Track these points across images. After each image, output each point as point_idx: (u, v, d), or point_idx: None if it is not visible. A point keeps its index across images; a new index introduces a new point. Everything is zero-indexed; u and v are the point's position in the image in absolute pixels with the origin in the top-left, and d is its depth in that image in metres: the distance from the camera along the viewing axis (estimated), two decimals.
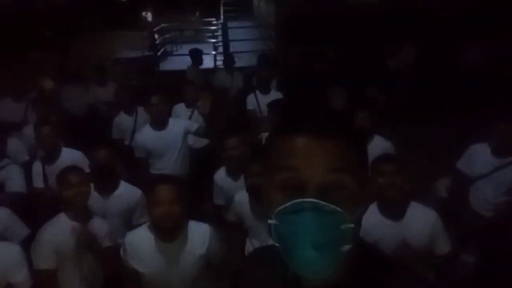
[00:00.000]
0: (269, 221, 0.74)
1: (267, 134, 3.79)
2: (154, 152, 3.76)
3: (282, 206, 0.72)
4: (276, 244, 0.74)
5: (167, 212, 2.13)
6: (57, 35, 7.79)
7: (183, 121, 3.95)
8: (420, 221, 2.28)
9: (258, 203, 2.65)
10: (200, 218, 2.46)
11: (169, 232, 2.22)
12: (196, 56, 6.46)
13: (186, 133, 3.81)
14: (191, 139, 4.03)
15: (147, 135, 3.77)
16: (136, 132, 4.13)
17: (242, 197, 2.75)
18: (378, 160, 2.36)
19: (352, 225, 0.71)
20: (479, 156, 3.17)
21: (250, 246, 2.77)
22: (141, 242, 2.26)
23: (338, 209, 0.70)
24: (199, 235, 2.28)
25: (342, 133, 0.75)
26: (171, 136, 3.76)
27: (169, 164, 3.75)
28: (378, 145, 3.34)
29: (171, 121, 3.85)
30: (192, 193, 3.20)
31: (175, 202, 2.15)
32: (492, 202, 3.10)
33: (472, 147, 3.25)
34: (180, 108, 4.47)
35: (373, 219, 2.25)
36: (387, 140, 3.43)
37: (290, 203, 0.71)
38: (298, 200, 0.70)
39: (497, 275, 2.73)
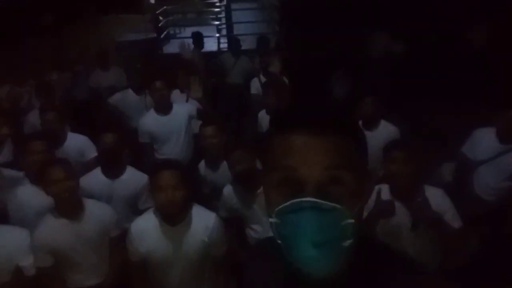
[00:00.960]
0: (270, 219, 0.75)
1: (263, 112, 3.83)
2: (159, 137, 3.76)
3: (282, 206, 0.72)
4: (279, 241, 0.75)
5: (170, 197, 2.15)
6: (58, 19, 7.71)
7: (187, 106, 3.94)
8: (431, 200, 2.26)
9: (247, 189, 2.67)
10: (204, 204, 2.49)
11: (173, 216, 2.25)
12: (198, 39, 6.36)
13: (190, 117, 3.80)
14: (195, 124, 4.02)
15: (151, 120, 3.76)
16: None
17: (229, 190, 2.76)
18: (390, 147, 2.39)
19: (352, 221, 0.71)
20: (483, 141, 3.16)
21: (252, 233, 2.79)
22: (146, 226, 2.29)
23: (337, 206, 0.70)
24: (203, 220, 2.31)
25: (339, 128, 0.74)
26: (175, 121, 3.76)
27: (174, 149, 3.75)
28: (384, 131, 3.33)
29: (175, 105, 3.84)
30: (196, 177, 3.22)
31: (178, 187, 2.16)
32: (493, 187, 3.10)
33: (476, 132, 3.24)
34: (176, 94, 4.40)
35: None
36: (393, 126, 3.42)
37: (289, 202, 0.71)
38: (297, 200, 0.71)
39: (498, 260, 2.73)
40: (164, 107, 3.75)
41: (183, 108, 3.86)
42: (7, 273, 2.37)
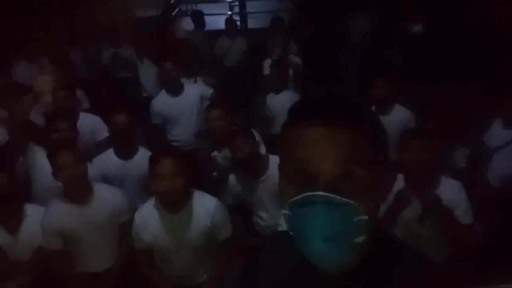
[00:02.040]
0: (283, 211, 0.75)
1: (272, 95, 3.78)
2: (170, 119, 3.75)
3: (294, 198, 0.72)
4: (291, 233, 0.75)
5: (170, 186, 2.16)
6: None
7: (198, 86, 3.92)
8: (447, 193, 2.27)
9: (250, 176, 2.66)
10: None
11: (174, 203, 2.27)
12: (197, 19, 6.09)
13: (202, 98, 3.77)
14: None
15: (162, 102, 3.75)
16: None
17: (233, 178, 2.75)
18: (406, 135, 2.35)
19: (366, 217, 0.70)
20: (493, 129, 3.14)
21: (259, 220, 2.79)
22: (148, 215, 2.32)
23: (350, 201, 0.69)
24: (204, 206, 2.32)
25: (356, 121, 0.72)
26: (186, 102, 3.73)
27: (186, 130, 3.75)
28: (398, 116, 3.29)
29: (186, 86, 3.81)
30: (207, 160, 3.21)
31: (178, 175, 2.17)
32: (501, 174, 3.07)
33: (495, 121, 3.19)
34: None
35: (400, 189, 2.25)
36: (408, 110, 3.36)
37: (301, 196, 0.71)
38: (309, 193, 0.70)
39: (505, 247, 2.71)
40: (175, 88, 3.72)
41: (195, 89, 3.84)
42: (29, 253, 2.43)
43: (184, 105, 3.73)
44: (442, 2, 6.39)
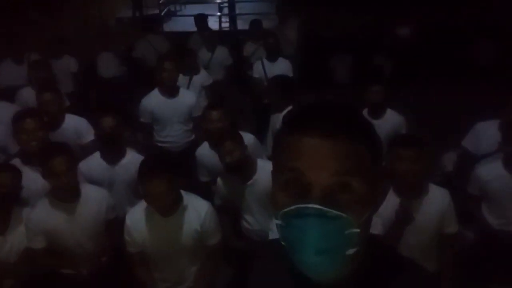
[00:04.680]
0: (275, 221, 0.74)
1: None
2: (161, 120, 3.70)
3: (287, 209, 0.70)
4: (283, 243, 0.74)
5: (162, 203, 2.21)
6: None
7: (193, 94, 3.89)
8: (436, 201, 2.27)
9: (238, 180, 2.65)
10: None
11: (164, 211, 2.28)
12: (201, 22, 6.02)
13: (193, 107, 3.73)
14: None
15: (155, 101, 3.69)
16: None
17: (221, 181, 2.74)
18: (398, 143, 2.28)
19: (358, 230, 0.69)
20: (486, 133, 3.08)
21: (245, 224, 2.79)
22: (140, 217, 2.32)
23: (343, 214, 0.68)
24: (195, 209, 2.33)
25: (352, 132, 0.71)
26: (181, 106, 3.70)
27: (174, 133, 3.73)
28: (390, 120, 3.30)
29: (182, 90, 3.78)
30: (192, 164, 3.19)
31: (169, 192, 2.18)
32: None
33: (478, 125, 3.15)
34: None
35: (389, 201, 2.22)
36: (399, 115, 3.37)
37: (294, 207, 0.69)
38: (302, 205, 0.69)
39: (495, 253, 2.71)
40: (170, 90, 3.68)
41: (191, 96, 3.81)
42: (16, 255, 2.42)
43: (178, 108, 3.69)
44: (433, 8, 6.44)
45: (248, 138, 2.95)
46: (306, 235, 0.69)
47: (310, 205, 0.68)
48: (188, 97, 3.77)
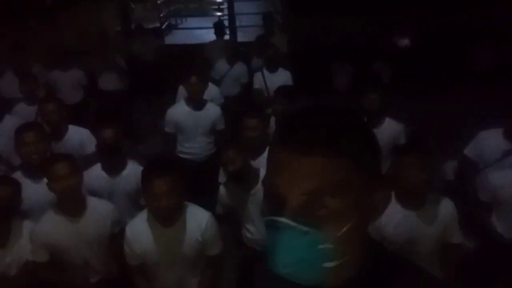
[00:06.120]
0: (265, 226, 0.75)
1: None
2: (185, 130, 3.79)
3: (265, 219, 0.73)
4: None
5: (164, 205, 2.16)
6: (58, 3, 7.61)
7: (218, 108, 3.95)
8: (439, 210, 2.26)
9: (240, 189, 2.65)
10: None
11: (167, 218, 2.26)
12: (220, 28, 6.15)
13: (218, 120, 3.84)
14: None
15: (181, 112, 3.79)
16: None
17: (224, 189, 2.75)
18: (404, 152, 2.28)
19: (331, 246, 0.69)
20: (490, 142, 3.07)
21: (247, 233, 2.79)
22: (140, 228, 2.30)
23: (312, 230, 0.68)
24: (197, 220, 2.32)
25: (333, 147, 0.69)
26: (206, 118, 3.79)
27: (197, 145, 3.81)
28: (389, 128, 3.30)
29: (208, 103, 3.87)
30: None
31: (172, 194, 2.16)
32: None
33: (481, 133, 3.14)
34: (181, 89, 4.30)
35: (390, 208, 2.23)
36: (398, 123, 3.38)
37: (268, 218, 0.72)
38: (273, 217, 0.70)
39: (503, 261, 2.70)
40: (197, 102, 3.78)
41: (216, 108, 3.90)
42: (16, 268, 2.41)
43: (203, 120, 3.79)
44: (430, 14, 6.48)
45: None
46: (275, 246, 0.70)
47: (280, 219, 0.69)
48: (213, 110, 3.87)
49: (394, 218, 2.22)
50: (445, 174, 3.51)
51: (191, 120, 3.77)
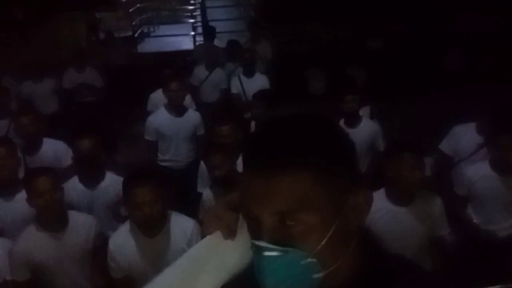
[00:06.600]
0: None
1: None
2: (167, 138, 3.75)
3: (250, 242, 0.73)
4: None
5: (148, 214, 2.12)
6: (28, 16, 7.46)
7: (198, 114, 3.94)
8: (427, 206, 2.31)
9: (226, 194, 2.62)
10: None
11: (151, 228, 2.22)
12: (210, 32, 6.10)
13: (198, 126, 3.82)
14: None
15: (161, 118, 3.74)
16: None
17: (209, 194, 2.73)
18: (396, 149, 2.31)
19: (313, 260, 0.69)
20: (464, 137, 3.17)
21: None
22: (124, 241, 2.26)
23: (290, 249, 0.69)
24: (181, 228, 2.28)
25: (300, 162, 0.68)
26: (187, 125, 3.77)
27: (179, 152, 3.77)
28: (366, 127, 3.36)
29: (189, 110, 3.85)
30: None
31: (155, 202, 2.13)
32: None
33: (455, 128, 3.24)
34: (158, 97, 4.21)
35: (380, 206, 2.24)
36: (375, 123, 3.44)
37: (251, 242, 0.73)
38: (255, 242, 0.71)
39: (480, 253, 2.77)
40: (178, 109, 3.74)
41: (197, 115, 3.88)
42: None
43: (184, 127, 3.76)
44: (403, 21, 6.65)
45: None
46: (261, 269, 0.71)
47: (258, 243, 0.70)
48: (194, 116, 3.85)
49: (384, 214, 2.25)
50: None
51: (173, 127, 3.72)
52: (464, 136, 3.14)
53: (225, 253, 0.78)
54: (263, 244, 0.69)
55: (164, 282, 0.79)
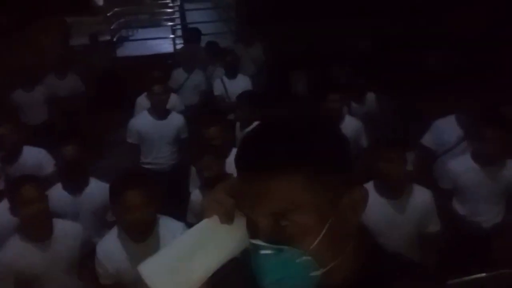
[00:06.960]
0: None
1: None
2: (149, 141, 3.72)
3: (247, 241, 0.75)
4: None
5: (140, 217, 2.08)
6: (13, 22, 7.30)
7: (181, 117, 3.91)
8: (418, 200, 2.35)
9: None
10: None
11: (141, 232, 2.18)
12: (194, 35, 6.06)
13: (181, 129, 3.80)
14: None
15: (144, 122, 3.71)
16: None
17: (198, 196, 2.72)
18: (385, 145, 2.35)
19: (309, 258, 0.70)
20: (445, 130, 3.24)
21: None
22: (112, 247, 2.21)
23: (285, 248, 0.70)
24: (170, 232, 2.24)
25: (290, 163, 0.69)
26: (169, 128, 3.74)
27: (162, 155, 3.74)
28: (349, 126, 3.40)
29: (172, 113, 3.82)
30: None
31: (145, 206, 2.08)
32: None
33: (436, 122, 3.31)
34: (146, 101, 4.15)
35: (373, 202, 2.27)
36: (358, 121, 3.49)
37: (248, 241, 0.75)
38: (252, 241, 0.73)
39: (461, 249, 2.82)
40: (161, 112, 3.72)
41: (180, 118, 3.85)
42: None
43: (166, 130, 3.73)
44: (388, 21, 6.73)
45: None
46: (258, 267, 0.72)
47: (255, 242, 0.72)
48: (177, 118, 3.82)
49: (373, 207, 2.28)
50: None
51: (155, 130, 3.71)
52: (446, 130, 3.21)
53: (221, 238, 0.78)
54: (259, 242, 0.71)
55: (159, 265, 0.80)
